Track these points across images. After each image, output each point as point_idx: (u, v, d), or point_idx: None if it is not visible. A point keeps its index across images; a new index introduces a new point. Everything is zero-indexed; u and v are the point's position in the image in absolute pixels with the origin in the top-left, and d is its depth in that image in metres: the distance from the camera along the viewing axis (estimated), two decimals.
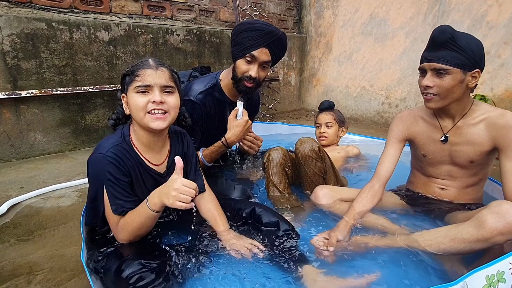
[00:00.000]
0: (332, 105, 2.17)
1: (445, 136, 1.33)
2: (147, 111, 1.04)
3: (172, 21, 2.87)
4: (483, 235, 1.01)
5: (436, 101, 1.24)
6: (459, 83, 1.19)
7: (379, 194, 1.39)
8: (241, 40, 1.47)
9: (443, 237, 1.10)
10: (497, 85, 2.68)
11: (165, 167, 1.19)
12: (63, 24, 2.19)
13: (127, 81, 1.07)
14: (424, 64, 1.23)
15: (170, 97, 1.08)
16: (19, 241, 1.29)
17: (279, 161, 1.59)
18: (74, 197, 1.68)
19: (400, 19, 3.19)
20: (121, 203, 1.05)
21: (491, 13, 2.63)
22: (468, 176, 1.34)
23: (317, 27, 3.95)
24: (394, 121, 1.48)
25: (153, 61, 1.09)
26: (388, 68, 3.35)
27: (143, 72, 1.04)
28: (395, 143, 1.44)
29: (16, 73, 2.06)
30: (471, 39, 1.18)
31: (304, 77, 4.17)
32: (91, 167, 1.08)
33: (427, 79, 1.22)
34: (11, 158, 2.14)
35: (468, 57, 1.16)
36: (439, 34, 1.17)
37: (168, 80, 1.07)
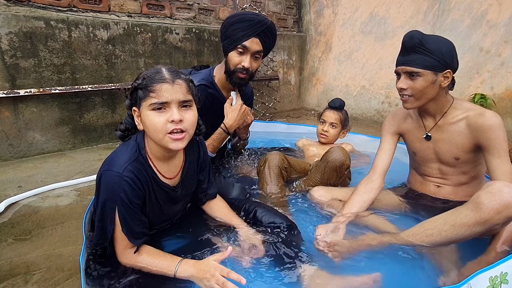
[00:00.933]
0: (343, 105, 2.14)
1: (427, 134, 1.41)
2: (167, 132, 0.94)
3: (171, 20, 2.86)
4: (481, 216, 1.03)
5: (412, 102, 1.32)
6: (431, 84, 1.27)
7: (377, 185, 1.44)
8: (232, 32, 1.47)
9: (443, 224, 1.11)
10: (497, 84, 2.67)
11: (178, 180, 1.15)
12: (62, 22, 2.18)
13: (140, 96, 0.96)
14: (398, 68, 1.32)
15: (188, 112, 0.98)
16: (17, 241, 1.28)
17: (277, 164, 1.61)
18: (73, 197, 1.68)
19: (400, 18, 3.18)
20: (133, 226, 1.01)
21: (491, 12, 2.62)
22: (459, 174, 1.39)
23: (317, 26, 3.93)
24: (387, 117, 1.58)
25: (168, 72, 0.97)
26: (388, 67, 3.34)
27: (159, 88, 0.93)
28: (389, 136, 1.53)
29: (14, 72, 2.05)
30: (441, 42, 1.25)
31: (304, 76, 4.16)
32: (104, 185, 0.99)
33: (401, 82, 1.31)
34: (9, 157, 2.14)
35: (438, 59, 1.23)
36: (408, 40, 1.25)
37: (185, 93, 0.96)
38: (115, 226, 1.00)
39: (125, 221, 0.99)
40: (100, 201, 1.00)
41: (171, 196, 1.13)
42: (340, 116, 2.11)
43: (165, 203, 1.12)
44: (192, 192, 1.26)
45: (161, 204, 1.11)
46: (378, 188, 1.44)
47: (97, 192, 1.02)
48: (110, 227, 1.00)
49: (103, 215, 1.01)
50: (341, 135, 2.17)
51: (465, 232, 1.06)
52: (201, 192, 1.28)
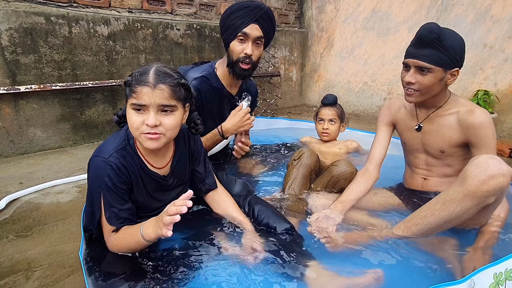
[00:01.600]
0: (336, 100, 2.13)
1: (419, 125, 1.42)
2: (142, 132, 0.98)
3: (172, 16, 2.84)
4: (468, 189, 1.03)
5: (416, 96, 1.31)
6: (439, 81, 1.26)
7: (374, 175, 1.48)
8: (231, 22, 1.50)
9: (435, 204, 1.13)
10: (501, 80, 2.64)
11: (168, 169, 1.17)
12: (62, 18, 2.17)
13: (126, 92, 1.00)
14: (409, 60, 1.28)
15: (168, 117, 0.99)
16: (18, 237, 1.28)
17: (310, 164, 1.55)
18: (74, 193, 1.67)
19: (403, 13, 3.15)
20: (116, 211, 1.02)
21: (495, 7, 2.59)
22: (444, 166, 1.40)
23: (318, 21, 3.91)
24: (383, 106, 1.59)
25: (153, 75, 0.97)
26: (391, 63, 3.31)
27: (140, 90, 0.95)
28: (383, 127, 1.55)
29: (14, 68, 2.04)
30: (455, 38, 1.23)
31: (305, 72, 4.14)
32: (91, 170, 1.04)
33: (410, 76, 1.28)
34: (10, 154, 2.13)
35: (450, 57, 1.21)
36: (426, 33, 1.21)
37: (167, 98, 0.97)
38: (101, 211, 1.04)
39: (108, 205, 1.02)
40: (88, 186, 1.06)
41: (162, 184, 1.15)
42: (336, 111, 2.10)
43: (155, 191, 1.14)
44: (187, 182, 1.27)
45: (151, 192, 1.13)
46: (374, 179, 1.48)
47: (87, 179, 1.07)
48: (97, 212, 1.04)
49: (91, 200, 1.05)
50: (341, 129, 2.16)
51: (456, 207, 1.06)
52: (199, 182, 1.28)
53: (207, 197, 1.32)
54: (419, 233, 1.15)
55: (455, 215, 1.07)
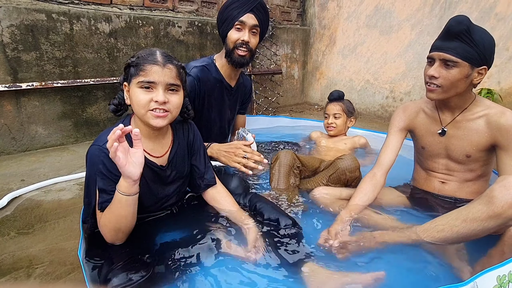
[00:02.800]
0: (342, 96, 2.15)
1: (442, 129, 1.34)
2: (149, 109, 1.00)
3: (173, 13, 2.83)
4: (494, 210, 0.99)
5: (438, 93, 1.23)
6: (465, 78, 1.18)
7: (381, 183, 1.41)
8: (228, 13, 1.58)
9: (454, 220, 1.07)
10: (504, 79, 2.62)
11: (166, 160, 1.17)
12: (63, 15, 2.17)
13: (131, 72, 1.02)
14: (434, 53, 1.21)
15: (174, 96, 1.04)
16: (19, 234, 1.28)
17: (287, 163, 1.59)
18: (75, 190, 1.67)
19: (406, 11, 3.13)
20: (107, 198, 1.01)
21: (500, 5, 2.57)
22: (465, 171, 1.33)
23: (321, 19, 3.88)
24: (397, 110, 1.50)
25: (161, 56, 1.03)
26: (393, 61, 3.29)
27: (149, 68, 0.99)
28: (397, 132, 1.46)
29: (16, 65, 2.04)
30: (485, 34, 1.16)
31: (307, 70, 4.12)
32: (88, 159, 1.05)
33: (434, 69, 1.20)
34: (12, 151, 2.14)
35: (479, 53, 1.14)
36: (455, 24, 1.14)
37: (174, 78, 1.03)
38: (96, 199, 1.03)
39: (101, 191, 1.02)
40: (86, 176, 1.06)
41: (160, 175, 1.15)
42: (341, 106, 2.12)
43: (152, 181, 1.13)
44: (186, 176, 1.26)
45: (148, 182, 1.12)
46: (382, 185, 1.41)
47: (86, 169, 1.07)
48: (93, 200, 1.04)
49: (88, 190, 1.06)
50: (349, 123, 2.18)
51: (477, 227, 1.02)
52: (198, 178, 1.28)
53: (207, 194, 1.30)
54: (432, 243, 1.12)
55: (474, 234, 1.04)
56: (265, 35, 1.73)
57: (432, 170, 1.43)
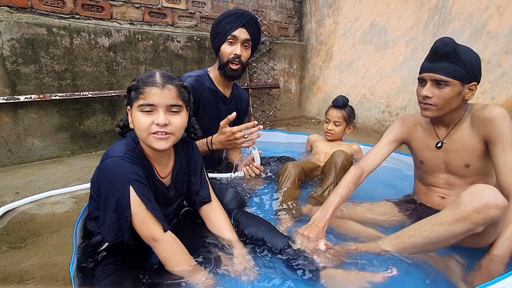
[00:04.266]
0: (346, 103, 2.17)
1: (441, 142, 1.36)
2: (151, 132, 0.99)
3: (173, 28, 2.88)
4: (460, 213, 1.02)
5: (433, 111, 1.27)
6: (457, 95, 1.22)
7: (361, 181, 1.44)
8: (221, 28, 1.64)
9: (425, 225, 1.11)
10: (498, 95, 2.66)
11: (169, 180, 1.16)
12: (64, 29, 2.20)
13: (132, 96, 1.02)
14: (425, 75, 1.25)
15: (176, 117, 1.02)
16: (11, 249, 1.26)
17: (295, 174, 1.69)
18: (70, 204, 1.66)
19: (401, 28, 3.19)
20: (156, 207, 1.00)
21: (491, 23, 2.63)
22: (466, 184, 1.33)
23: (318, 35, 3.96)
24: (396, 121, 1.52)
25: (160, 77, 1.01)
26: (389, 76, 3.34)
27: (149, 91, 0.98)
28: (391, 141, 1.48)
29: (15, 78, 2.06)
30: (471, 53, 1.22)
31: (304, 84, 4.17)
32: (107, 173, 0.98)
33: (427, 90, 1.24)
34: (8, 163, 2.12)
35: (467, 70, 1.19)
36: (442, 46, 1.20)
37: (175, 99, 1.01)
38: (131, 210, 0.97)
39: (146, 198, 0.98)
40: (106, 193, 0.98)
41: (166, 196, 1.14)
42: (343, 114, 2.14)
43: (160, 203, 1.10)
44: (185, 193, 1.25)
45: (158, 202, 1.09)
46: (358, 185, 1.43)
47: (98, 186, 1.01)
48: (127, 213, 0.97)
49: (115, 207, 0.97)
50: (347, 131, 2.21)
51: (445, 231, 1.05)
52: (193, 194, 1.26)
53: (201, 210, 1.29)
54: (405, 252, 1.13)
55: (442, 238, 1.07)
56: (256, 48, 1.80)
57: (432, 185, 1.44)
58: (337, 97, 2.18)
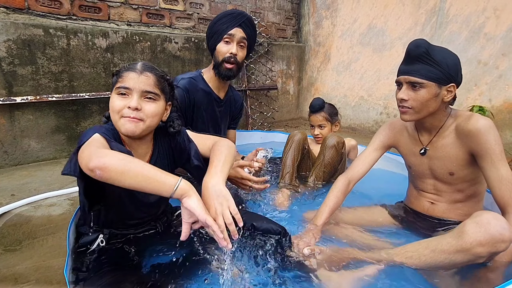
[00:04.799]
0: (322, 105, 2.13)
1: (424, 149, 1.34)
2: (122, 115, 0.99)
3: (170, 29, 2.87)
4: (462, 245, 0.98)
5: (411, 114, 1.25)
6: (434, 97, 1.20)
7: (349, 190, 1.46)
8: (217, 28, 1.65)
9: (424, 248, 1.08)
10: (495, 97, 2.67)
11: None
12: (61, 30, 2.19)
13: (113, 81, 1.04)
14: (400, 78, 1.25)
15: (150, 104, 1.01)
16: (6, 251, 1.25)
17: (299, 140, 1.91)
18: (66, 206, 1.65)
19: (398, 29, 3.20)
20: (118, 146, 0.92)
21: (488, 25, 2.64)
22: (453, 191, 1.31)
23: (315, 36, 3.96)
24: (383, 126, 1.51)
25: (141, 65, 1.03)
26: (386, 78, 3.35)
27: (126, 75, 1.00)
28: (377, 148, 1.48)
29: (11, 79, 2.05)
30: (447, 54, 1.19)
31: (302, 86, 4.17)
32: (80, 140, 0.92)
33: (402, 92, 1.23)
34: (3, 165, 2.11)
35: (443, 72, 1.16)
36: (413, 48, 1.18)
37: (152, 86, 1.01)
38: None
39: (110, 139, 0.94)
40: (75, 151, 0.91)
41: None
42: (324, 115, 2.12)
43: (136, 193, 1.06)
44: None
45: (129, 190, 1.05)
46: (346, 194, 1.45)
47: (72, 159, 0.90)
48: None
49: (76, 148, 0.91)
50: (334, 128, 2.19)
51: (445, 259, 1.02)
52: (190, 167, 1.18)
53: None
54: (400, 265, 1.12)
55: (441, 265, 1.04)
56: (252, 49, 1.82)
57: (421, 189, 1.42)
58: (312, 102, 2.14)
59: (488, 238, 0.95)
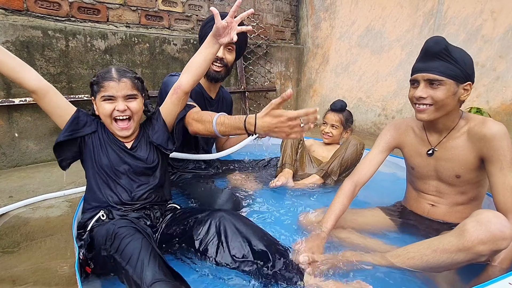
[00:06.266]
0: (344, 107, 2.17)
1: (432, 149, 1.32)
2: (113, 117, 1.22)
3: (169, 31, 2.88)
4: (464, 244, 0.98)
5: (429, 113, 1.22)
6: (452, 95, 1.17)
7: (355, 194, 1.42)
8: (206, 30, 1.64)
9: (425, 248, 1.07)
10: (492, 98, 2.68)
11: (130, 145, 1.32)
12: (59, 32, 2.19)
13: (95, 89, 1.22)
14: (417, 75, 1.21)
15: (133, 103, 1.24)
16: (4, 253, 1.25)
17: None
18: (64, 208, 1.64)
19: (396, 32, 3.22)
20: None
21: (486, 27, 2.66)
22: (456, 193, 1.30)
23: (314, 38, 3.97)
24: (387, 126, 1.47)
25: (116, 72, 1.21)
26: (385, 79, 3.36)
27: (107, 85, 1.19)
28: (382, 151, 1.44)
29: (9, 80, 2.04)
30: (463, 52, 1.19)
31: (301, 87, 4.18)
32: None
33: (421, 90, 1.20)
34: (1, 167, 2.11)
35: (461, 69, 1.15)
36: (433, 45, 1.16)
37: (130, 89, 1.22)
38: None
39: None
40: None
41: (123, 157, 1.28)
42: (341, 117, 2.14)
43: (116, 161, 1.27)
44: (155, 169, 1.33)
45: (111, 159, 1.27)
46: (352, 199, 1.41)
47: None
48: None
49: None
50: (344, 135, 2.20)
51: (447, 259, 1.01)
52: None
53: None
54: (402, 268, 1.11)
55: (443, 265, 1.03)
56: (243, 50, 1.84)
57: (422, 191, 1.40)
58: (335, 101, 2.19)
59: (489, 236, 0.94)
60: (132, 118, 1.25)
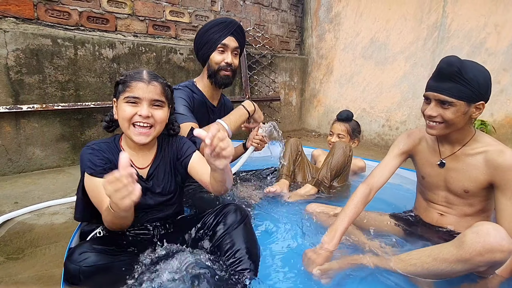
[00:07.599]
0: (350, 117, 2.18)
1: (441, 161, 1.34)
2: (132, 122, 1.09)
3: (176, 40, 2.92)
4: (462, 255, 1.00)
5: (439, 129, 1.24)
6: (463, 115, 1.19)
7: (369, 200, 1.40)
8: (209, 37, 1.65)
9: (426, 256, 1.09)
10: (497, 111, 2.69)
11: (146, 172, 1.19)
12: (68, 40, 2.23)
13: (119, 89, 1.11)
14: (429, 93, 1.23)
15: (158, 111, 1.12)
16: (9, 260, 1.25)
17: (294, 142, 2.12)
18: (68, 214, 1.65)
19: (400, 44, 3.24)
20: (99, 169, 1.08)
21: (490, 40, 2.68)
22: (465, 205, 1.32)
23: (318, 49, 4.01)
24: (402, 135, 1.50)
25: (147, 74, 1.11)
26: (389, 91, 3.37)
27: (135, 85, 1.07)
28: (398, 155, 1.45)
29: (18, 87, 2.07)
30: (478, 71, 1.17)
31: (305, 97, 4.20)
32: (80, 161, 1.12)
33: (431, 109, 1.22)
34: (7, 172, 2.12)
35: (473, 90, 1.15)
36: (446, 66, 1.16)
37: (159, 94, 1.11)
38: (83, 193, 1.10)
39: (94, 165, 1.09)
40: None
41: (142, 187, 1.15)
42: (347, 127, 2.15)
43: None
44: (172, 195, 1.24)
45: None
46: (367, 203, 1.40)
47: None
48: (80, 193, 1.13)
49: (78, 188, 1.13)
50: (352, 145, 2.19)
51: (446, 268, 1.03)
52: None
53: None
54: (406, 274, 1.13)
55: (443, 273, 1.06)
56: (241, 55, 1.87)
57: (432, 201, 1.42)
58: (342, 111, 2.20)
59: (488, 248, 0.96)
60: (154, 127, 1.12)
